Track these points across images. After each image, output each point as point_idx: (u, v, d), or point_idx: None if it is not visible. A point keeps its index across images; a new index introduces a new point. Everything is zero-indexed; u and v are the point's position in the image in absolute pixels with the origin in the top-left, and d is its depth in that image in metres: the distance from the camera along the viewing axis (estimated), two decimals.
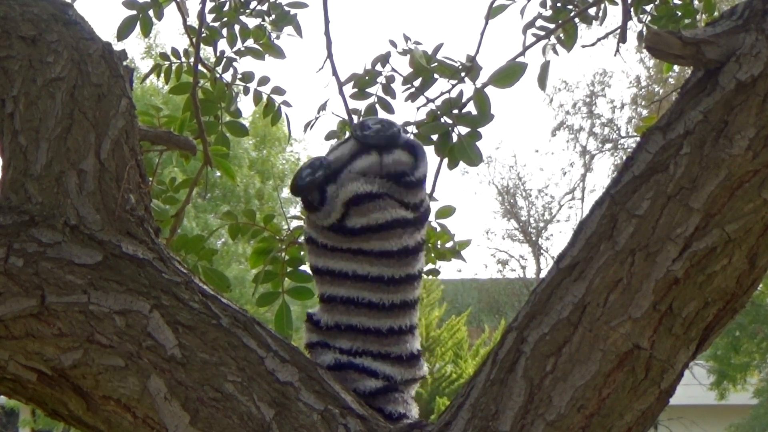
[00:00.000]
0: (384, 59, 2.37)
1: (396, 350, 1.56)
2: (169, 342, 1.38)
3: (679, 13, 2.94)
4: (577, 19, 2.92)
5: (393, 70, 2.36)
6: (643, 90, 19.50)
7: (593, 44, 3.38)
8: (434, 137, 2.13)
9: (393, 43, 2.39)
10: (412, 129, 2.20)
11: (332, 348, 1.56)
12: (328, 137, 2.63)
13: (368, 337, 1.55)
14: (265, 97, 2.84)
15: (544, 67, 2.80)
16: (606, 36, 3.51)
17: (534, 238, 22.25)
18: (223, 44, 2.86)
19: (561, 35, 2.91)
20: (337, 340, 1.56)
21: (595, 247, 1.30)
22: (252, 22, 2.89)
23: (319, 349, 1.57)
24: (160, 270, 1.45)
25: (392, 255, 1.54)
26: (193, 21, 2.88)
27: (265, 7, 2.90)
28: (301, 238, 2.48)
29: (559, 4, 2.94)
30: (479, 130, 2.08)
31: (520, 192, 22.46)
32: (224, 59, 2.85)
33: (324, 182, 1.53)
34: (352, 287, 1.55)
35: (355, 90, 2.39)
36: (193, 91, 2.60)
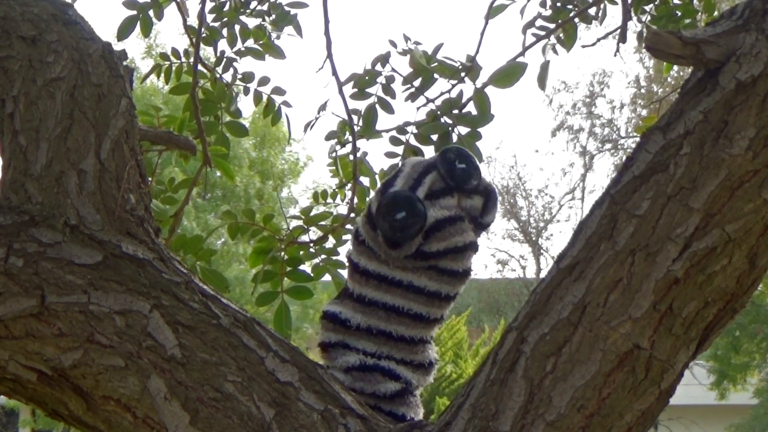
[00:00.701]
0: (384, 59, 2.37)
1: (419, 358, 1.56)
2: (169, 342, 1.38)
3: (679, 13, 2.94)
4: (576, 19, 2.92)
5: (393, 70, 2.36)
6: (642, 90, 19.51)
7: (593, 44, 3.38)
8: (434, 137, 2.13)
9: (393, 43, 2.39)
10: (412, 129, 2.20)
11: (353, 349, 1.53)
12: (328, 137, 2.63)
13: (398, 344, 1.54)
14: (265, 97, 2.84)
15: (544, 67, 2.80)
16: (606, 36, 3.51)
17: (534, 238, 22.26)
18: (223, 44, 2.86)
19: (561, 35, 2.91)
20: (360, 342, 1.53)
21: (595, 247, 1.30)
22: (252, 22, 2.90)
23: (339, 350, 1.54)
24: (160, 270, 1.45)
25: (457, 275, 1.52)
26: (193, 21, 2.88)
27: (265, 7, 2.91)
28: (302, 238, 2.48)
29: (558, 4, 2.94)
30: (479, 130, 2.08)
31: (520, 192, 22.47)
32: (224, 59, 2.85)
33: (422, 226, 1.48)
34: (402, 297, 1.52)
35: (355, 90, 2.39)
36: (192, 91, 2.60)
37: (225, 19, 2.86)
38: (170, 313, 1.40)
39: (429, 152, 2.16)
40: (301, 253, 2.45)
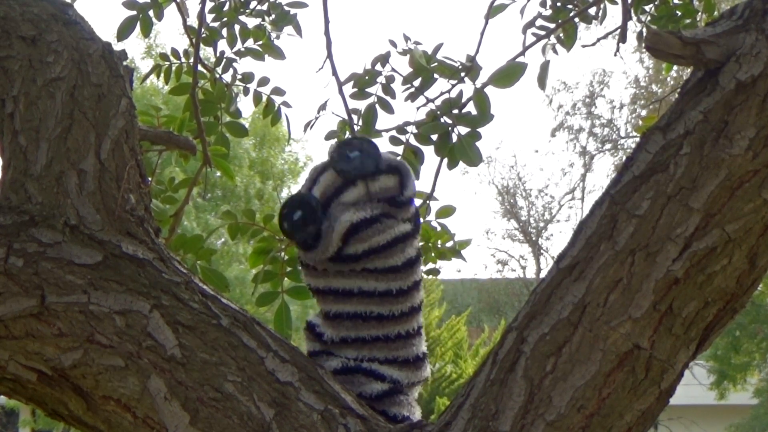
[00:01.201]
0: (384, 59, 2.37)
1: (403, 354, 1.56)
2: (169, 342, 1.38)
3: (679, 13, 2.94)
4: (576, 19, 2.92)
5: (393, 70, 2.36)
6: (642, 90, 19.51)
7: (593, 44, 3.38)
8: (434, 137, 2.13)
9: (393, 43, 2.39)
10: (411, 129, 2.20)
11: (336, 356, 1.55)
12: (328, 137, 2.63)
13: (376, 345, 1.55)
14: (264, 97, 2.84)
15: (544, 67, 2.80)
16: (606, 36, 3.51)
17: (534, 238, 22.26)
18: (223, 45, 2.86)
19: (561, 35, 2.91)
20: (342, 351, 1.55)
21: (595, 247, 1.30)
22: (252, 22, 2.89)
23: (324, 357, 1.56)
24: (160, 270, 1.45)
25: (398, 269, 1.53)
26: (193, 21, 2.88)
27: (265, 7, 2.90)
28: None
29: (558, 4, 2.94)
30: (479, 130, 2.08)
31: (520, 192, 22.48)
32: (224, 60, 2.85)
33: (319, 224, 1.50)
34: (360, 303, 1.54)
35: (355, 90, 2.39)
36: (192, 91, 2.60)
37: (225, 19, 2.86)
38: (170, 313, 1.40)
39: (429, 152, 2.16)
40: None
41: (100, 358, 1.38)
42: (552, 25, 2.88)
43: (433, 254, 2.44)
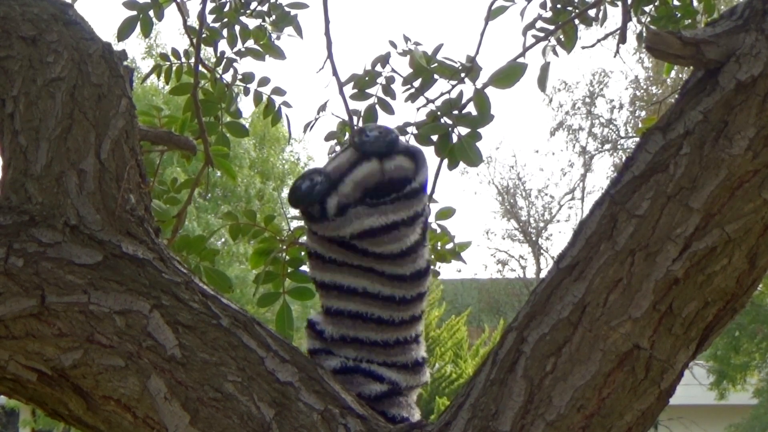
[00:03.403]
0: (384, 60, 2.37)
1: (401, 359, 1.56)
2: (169, 342, 1.38)
3: (679, 14, 2.94)
4: (576, 21, 2.92)
5: (393, 70, 2.36)
6: (642, 91, 19.51)
7: (593, 45, 3.39)
8: (434, 138, 2.13)
9: (393, 44, 2.39)
10: (412, 130, 2.20)
11: (336, 355, 1.55)
12: (328, 138, 2.63)
13: (374, 348, 1.55)
14: (265, 97, 2.84)
15: (544, 69, 2.80)
16: (605, 37, 3.51)
17: (534, 238, 22.25)
18: (223, 45, 2.86)
19: (561, 37, 2.91)
20: (341, 350, 1.56)
21: (595, 247, 1.30)
22: (252, 23, 2.89)
23: (323, 355, 1.56)
24: (160, 270, 1.45)
25: (405, 279, 1.53)
26: (193, 21, 2.88)
27: (265, 8, 2.90)
28: (303, 239, 2.48)
29: (559, 6, 2.94)
30: (479, 130, 2.08)
31: (520, 192, 22.47)
32: (224, 60, 2.85)
33: (325, 194, 1.50)
34: (362, 303, 1.54)
35: (355, 90, 2.39)
36: (193, 91, 2.60)
37: (225, 19, 2.85)
38: (170, 313, 1.40)
39: (429, 153, 2.16)
40: (303, 254, 2.44)
41: (100, 358, 1.38)
42: (552, 27, 2.88)
43: (433, 256, 2.44)
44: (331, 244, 1.53)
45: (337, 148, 2.66)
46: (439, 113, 2.14)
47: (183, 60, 2.89)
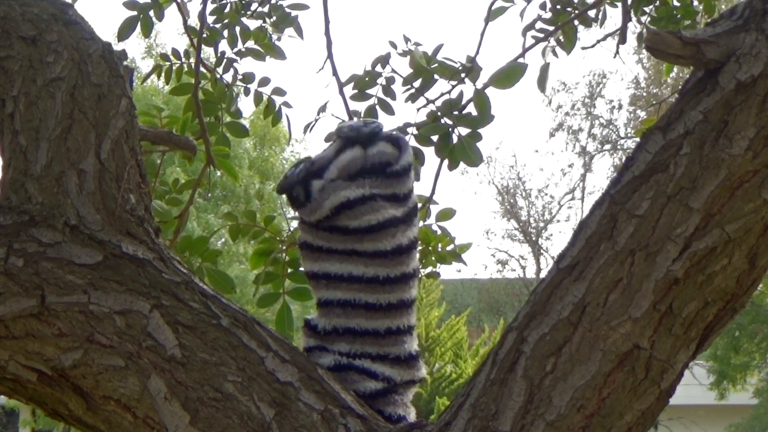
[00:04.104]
0: (384, 60, 2.37)
1: (395, 351, 1.56)
2: (169, 342, 1.38)
3: (679, 15, 2.94)
4: (576, 22, 2.92)
5: (393, 71, 2.36)
6: (641, 91, 19.51)
7: (593, 46, 3.39)
8: (434, 138, 2.13)
9: (393, 44, 2.39)
10: (412, 130, 2.20)
11: (330, 351, 1.56)
12: (328, 139, 2.63)
13: (366, 339, 1.55)
14: (265, 98, 2.84)
15: (544, 70, 2.80)
16: (605, 38, 3.51)
17: (534, 238, 22.25)
18: (223, 45, 2.86)
19: (560, 38, 2.91)
20: (335, 344, 1.56)
21: (595, 247, 1.30)
22: (253, 24, 2.89)
23: (317, 353, 1.57)
24: (160, 270, 1.45)
25: (386, 255, 1.54)
26: (193, 22, 2.88)
27: (266, 9, 2.90)
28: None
29: (558, 7, 2.94)
30: (479, 130, 2.08)
31: (520, 192, 22.47)
32: (225, 60, 2.85)
33: (308, 177, 1.55)
34: (348, 289, 1.56)
35: (355, 91, 2.39)
36: (194, 91, 2.60)
37: (226, 21, 2.85)
38: (170, 313, 1.40)
39: (429, 153, 2.16)
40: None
41: (100, 358, 1.38)
42: (551, 28, 2.87)
43: (433, 258, 2.44)
44: (317, 230, 1.57)
45: None
46: (439, 113, 2.14)
47: (183, 60, 2.89)
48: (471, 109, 2.12)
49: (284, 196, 1.59)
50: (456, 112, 2.14)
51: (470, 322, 16.47)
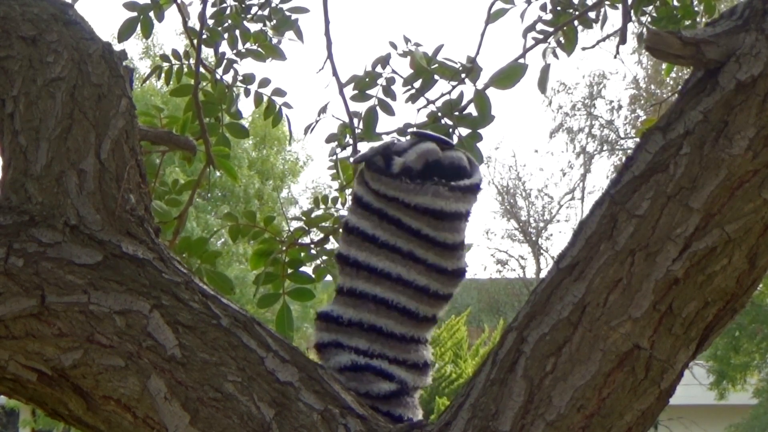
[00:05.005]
0: (384, 61, 2.37)
1: (413, 358, 1.56)
2: (169, 342, 1.38)
3: (679, 15, 2.94)
4: (576, 23, 2.92)
5: (393, 71, 2.36)
6: (641, 92, 19.51)
7: (593, 47, 3.39)
8: None
9: (393, 45, 2.39)
10: (412, 131, 2.20)
11: (346, 348, 1.53)
12: (329, 140, 2.63)
13: (389, 342, 1.54)
14: (265, 98, 2.84)
15: (544, 71, 2.80)
16: (605, 38, 3.51)
17: (534, 238, 22.26)
18: (223, 46, 2.86)
19: (561, 39, 2.91)
20: (353, 339, 1.53)
21: (595, 247, 1.30)
22: (253, 27, 2.89)
23: (332, 350, 1.54)
24: (160, 270, 1.45)
25: (447, 273, 1.54)
26: (194, 23, 2.88)
27: (266, 12, 2.90)
28: (304, 239, 2.48)
29: (559, 8, 2.94)
30: (479, 131, 2.08)
31: (520, 192, 22.47)
32: (225, 61, 2.85)
33: (388, 152, 1.52)
34: (391, 290, 1.53)
35: (356, 92, 2.39)
36: (194, 92, 2.60)
37: (226, 24, 2.85)
38: (170, 313, 1.40)
39: None
40: (302, 254, 2.45)
41: (100, 358, 1.38)
42: (552, 29, 2.88)
43: None
44: (384, 222, 1.53)
45: (338, 150, 2.66)
46: (439, 114, 2.15)
47: (183, 61, 2.89)
48: (471, 109, 2.12)
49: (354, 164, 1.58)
50: (456, 113, 2.14)
51: (470, 322, 16.47)
